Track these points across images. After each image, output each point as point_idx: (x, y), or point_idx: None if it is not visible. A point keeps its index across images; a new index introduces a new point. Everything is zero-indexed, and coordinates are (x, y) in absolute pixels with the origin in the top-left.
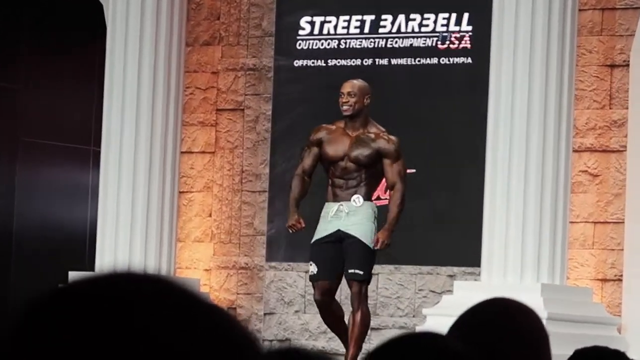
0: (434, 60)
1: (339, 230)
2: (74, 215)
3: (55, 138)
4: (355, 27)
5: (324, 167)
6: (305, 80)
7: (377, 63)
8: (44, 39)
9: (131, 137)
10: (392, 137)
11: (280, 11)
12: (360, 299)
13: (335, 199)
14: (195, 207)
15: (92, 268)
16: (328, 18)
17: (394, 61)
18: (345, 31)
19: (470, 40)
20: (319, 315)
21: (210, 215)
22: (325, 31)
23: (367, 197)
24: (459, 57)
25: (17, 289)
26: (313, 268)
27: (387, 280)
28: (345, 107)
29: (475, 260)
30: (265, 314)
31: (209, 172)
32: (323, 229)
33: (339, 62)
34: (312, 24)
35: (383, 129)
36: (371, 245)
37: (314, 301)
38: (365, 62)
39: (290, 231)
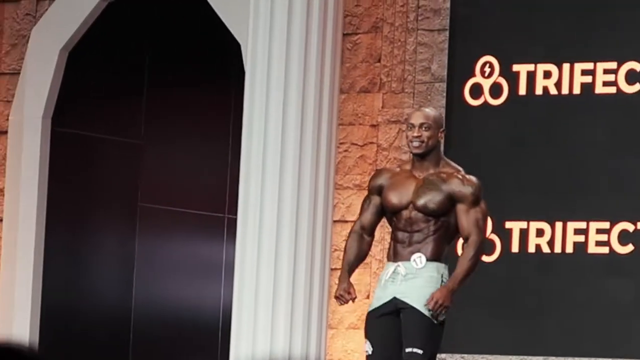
0: None
1: (394, 298)
2: (204, 296)
3: (182, 204)
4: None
5: (387, 219)
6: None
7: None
8: (169, 88)
9: (273, 203)
10: (470, 177)
11: (453, 52)
12: None
13: (396, 258)
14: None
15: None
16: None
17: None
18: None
19: None
20: None
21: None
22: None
23: (435, 257)
24: None
25: None
26: (368, 347)
27: None
28: (416, 144)
29: None
30: None
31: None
32: (378, 297)
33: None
34: (491, 66)
35: (460, 168)
36: (434, 319)
37: None
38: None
39: (339, 303)
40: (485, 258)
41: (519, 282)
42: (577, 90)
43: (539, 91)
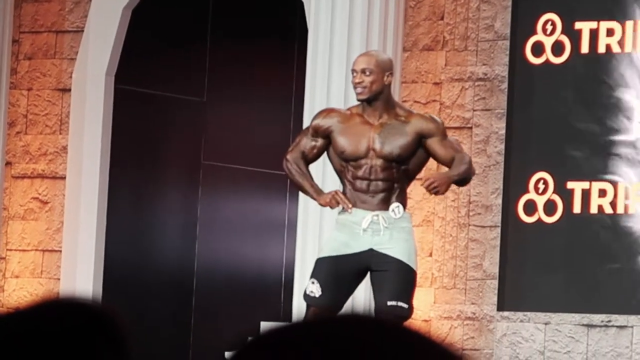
0: None
1: (371, 249)
2: (266, 254)
3: (245, 162)
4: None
5: (335, 168)
6: (546, 92)
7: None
8: (233, 45)
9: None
10: (428, 114)
11: (516, 10)
12: None
13: (365, 206)
14: None
15: (288, 318)
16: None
17: None
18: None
19: None
20: None
21: (430, 255)
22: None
23: (404, 205)
24: None
25: (200, 343)
26: (315, 288)
27: None
28: (359, 90)
29: None
30: None
31: (429, 203)
32: (343, 244)
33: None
34: (553, 24)
35: (413, 110)
36: (416, 269)
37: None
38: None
39: (333, 207)
40: (547, 218)
41: (580, 243)
42: None
43: (601, 49)
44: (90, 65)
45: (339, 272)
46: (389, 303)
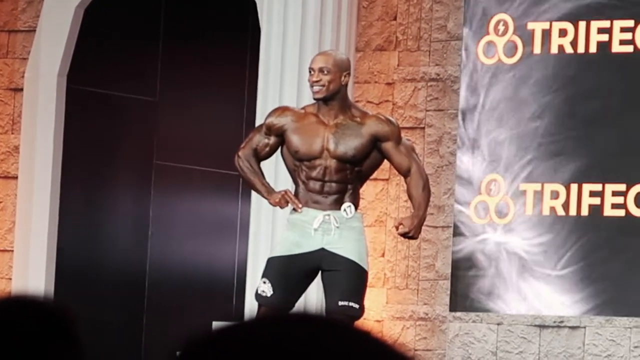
0: None
1: (323, 249)
2: (219, 254)
3: (197, 162)
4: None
5: (288, 167)
6: (496, 92)
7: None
8: (186, 45)
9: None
10: (386, 116)
11: (469, 10)
12: None
13: (317, 206)
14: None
15: (240, 318)
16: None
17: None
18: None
19: None
20: None
21: (383, 255)
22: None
23: (356, 206)
24: None
25: (152, 341)
26: (267, 287)
27: (596, 335)
28: (316, 88)
29: None
30: None
31: (382, 204)
32: (294, 244)
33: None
34: (505, 24)
35: (369, 111)
36: (367, 269)
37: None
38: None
39: (282, 206)
40: (499, 220)
41: (534, 242)
42: (593, 49)
43: (554, 50)
44: (43, 64)
45: (290, 272)
46: (340, 303)
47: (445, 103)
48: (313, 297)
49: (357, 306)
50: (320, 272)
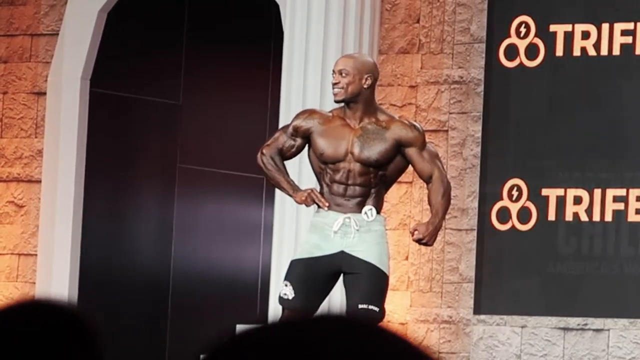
0: None
1: (342, 252)
2: (243, 257)
3: (221, 165)
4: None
5: (314, 169)
6: (522, 96)
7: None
8: (209, 48)
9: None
10: (411, 121)
11: (492, 12)
12: None
13: (339, 209)
14: (390, 248)
15: (264, 321)
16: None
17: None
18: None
19: None
20: None
21: (407, 259)
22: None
23: (379, 209)
24: None
25: (176, 345)
26: (288, 290)
27: (620, 338)
28: (335, 90)
29: None
30: None
31: (406, 206)
32: (316, 246)
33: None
34: (527, 27)
35: (395, 116)
36: (388, 272)
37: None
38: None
39: (308, 205)
40: (520, 226)
41: (554, 249)
42: (616, 51)
43: (576, 52)
44: (66, 68)
45: (311, 274)
46: (360, 306)
47: (469, 106)
48: (337, 300)
49: (377, 309)
50: (342, 275)
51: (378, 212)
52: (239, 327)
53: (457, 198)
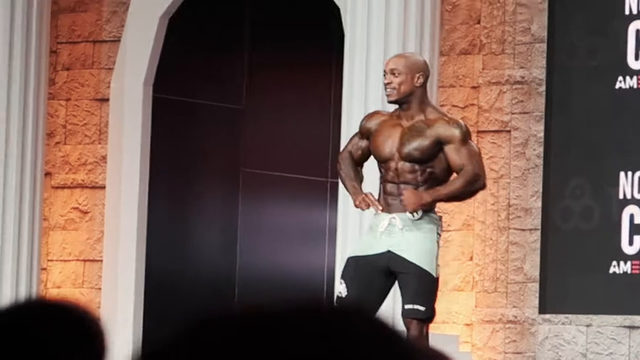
0: None
1: (389, 251)
2: (308, 261)
3: (284, 169)
4: None
5: (378, 167)
6: (586, 97)
7: None
8: (270, 51)
9: (373, 166)
10: (455, 118)
11: (553, 12)
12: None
13: (389, 209)
14: (454, 249)
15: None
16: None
17: None
18: None
19: None
20: None
21: (471, 259)
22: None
23: (431, 208)
24: None
25: None
26: (342, 288)
27: None
28: (388, 91)
29: None
30: None
31: (469, 207)
32: (369, 245)
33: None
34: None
35: (445, 113)
36: (434, 273)
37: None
38: None
39: (363, 209)
40: (584, 225)
41: (618, 247)
42: None
43: None
44: (128, 74)
45: (360, 273)
46: (406, 306)
47: (531, 106)
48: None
49: (422, 308)
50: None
51: (431, 211)
52: None
53: (521, 198)
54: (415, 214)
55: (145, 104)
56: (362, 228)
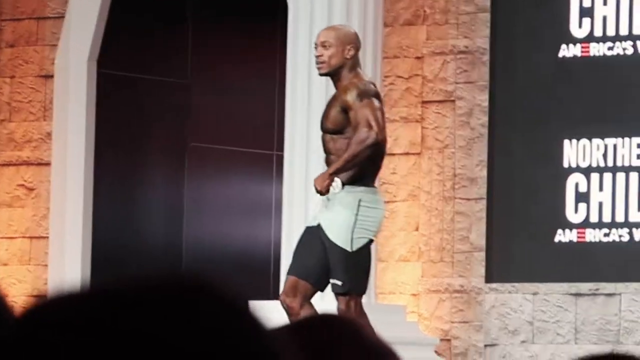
0: None
1: (319, 225)
2: (254, 234)
3: (230, 142)
4: None
5: None
6: (530, 66)
7: None
8: (214, 25)
9: (319, 139)
10: (356, 82)
11: None
12: None
13: None
14: (399, 220)
15: (277, 297)
16: None
17: None
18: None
19: None
20: (550, 346)
21: (417, 229)
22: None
23: (351, 180)
24: None
25: None
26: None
27: (632, 302)
28: (318, 64)
29: None
30: (485, 346)
31: (415, 177)
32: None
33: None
34: None
35: (360, 80)
36: (348, 247)
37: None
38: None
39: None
40: (531, 195)
41: (563, 216)
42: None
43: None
44: (73, 50)
45: (302, 242)
46: (330, 281)
47: (475, 75)
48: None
49: (339, 282)
50: None
51: (348, 183)
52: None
53: (466, 167)
54: (335, 186)
55: (90, 80)
56: (308, 201)
